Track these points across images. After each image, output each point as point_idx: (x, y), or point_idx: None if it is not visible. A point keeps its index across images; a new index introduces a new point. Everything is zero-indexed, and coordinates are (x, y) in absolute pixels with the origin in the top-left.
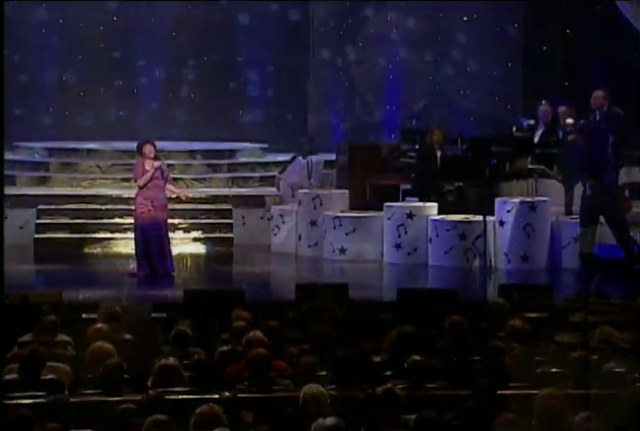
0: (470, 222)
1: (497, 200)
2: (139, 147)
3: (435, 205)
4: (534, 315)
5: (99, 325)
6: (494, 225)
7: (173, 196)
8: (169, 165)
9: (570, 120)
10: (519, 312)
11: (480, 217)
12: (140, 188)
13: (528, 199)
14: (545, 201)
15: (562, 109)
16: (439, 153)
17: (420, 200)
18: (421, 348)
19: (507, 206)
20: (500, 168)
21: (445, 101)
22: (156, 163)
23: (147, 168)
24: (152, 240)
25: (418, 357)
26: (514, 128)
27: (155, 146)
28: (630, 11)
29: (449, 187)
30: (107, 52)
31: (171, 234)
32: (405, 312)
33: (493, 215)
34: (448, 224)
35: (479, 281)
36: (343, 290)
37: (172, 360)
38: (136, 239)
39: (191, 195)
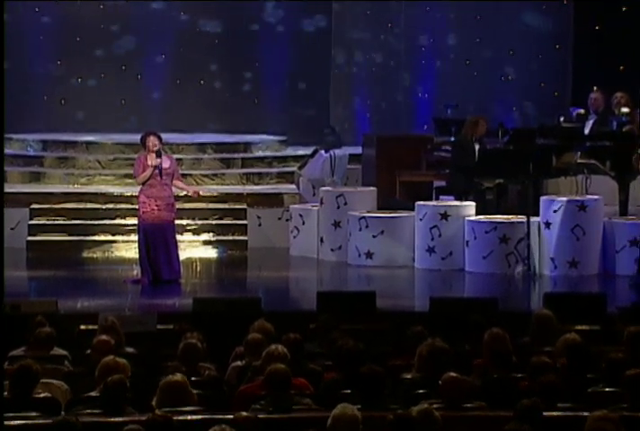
0: (512, 223)
1: (542, 199)
2: (142, 140)
3: (473, 204)
4: (584, 328)
5: (104, 337)
6: (539, 227)
7: (182, 193)
8: (177, 160)
9: (625, 109)
10: (567, 325)
11: (523, 218)
12: (140, 185)
13: (578, 198)
14: (596, 200)
15: (616, 96)
16: (477, 147)
17: (456, 199)
18: (457, 364)
19: (554, 206)
20: (546, 163)
21: (484, 87)
22: (155, 161)
23: (149, 163)
24: (156, 243)
25: (454, 374)
26: (562, 118)
27: (160, 139)
28: None
29: (489, 184)
30: (107, 34)
31: (179, 237)
32: (439, 324)
33: (537, 215)
34: (488, 226)
35: (522, 289)
36: (370, 299)
37: (179, 376)
38: (139, 241)
39: (201, 192)
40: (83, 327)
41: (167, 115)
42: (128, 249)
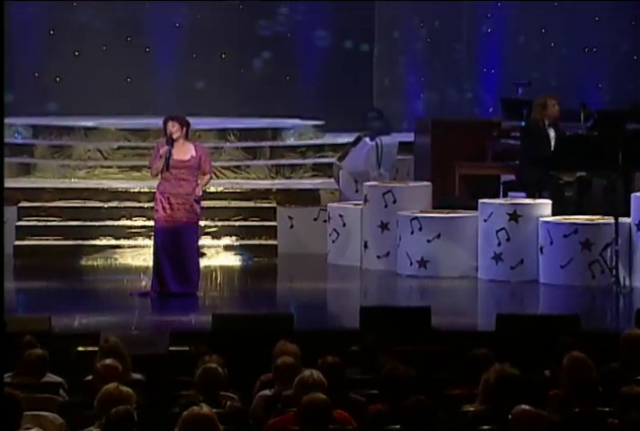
0: (597, 225)
1: (634, 196)
2: (163, 125)
3: (549, 202)
4: None
5: (109, 361)
6: (630, 230)
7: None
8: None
9: None
10: None
11: (610, 219)
12: (154, 177)
13: None
14: None
15: None
16: (552, 133)
17: (528, 196)
18: (529, 395)
19: None
20: (638, 152)
21: (563, 61)
22: (162, 149)
23: (162, 153)
24: (166, 248)
25: (526, 407)
26: None
27: (181, 124)
28: None
29: (568, 178)
30: None
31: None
32: (508, 346)
33: (628, 215)
34: (567, 229)
35: (608, 305)
36: (425, 316)
37: (205, 409)
38: (153, 247)
39: (200, 193)
40: (81, 348)
41: (181, 95)
42: (134, 255)
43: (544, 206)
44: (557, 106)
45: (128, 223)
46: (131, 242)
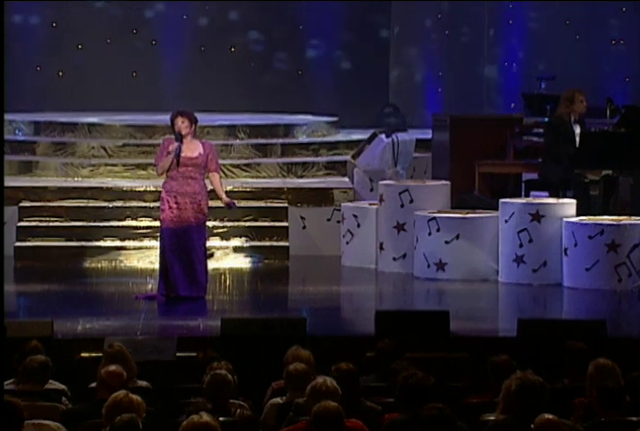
0: (623, 226)
1: None
2: (170, 121)
3: (573, 202)
4: None
5: (114, 368)
6: None
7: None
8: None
9: None
10: None
11: (638, 219)
12: (160, 176)
13: None
14: None
15: None
16: (577, 129)
17: (551, 195)
18: (553, 403)
19: None
20: None
21: (588, 55)
22: (171, 146)
23: (171, 150)
24: (173, 250)
25: (550, 416)
26: None
27: (190, 120)
28: None
29: (593, 176)
30: None
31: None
32: (530, 353)
33: None
34: (592, 229)
35: (636, 309)
36: (443, 320)
37: (206, 417)
38: (159, 248)
39: (235, 203)
40: (84, 354)
41: (189, 90)
42: (140, 257)
43: (568, 206)
44: (585, 102)
45: (134, 223)
46: (137, 244)
